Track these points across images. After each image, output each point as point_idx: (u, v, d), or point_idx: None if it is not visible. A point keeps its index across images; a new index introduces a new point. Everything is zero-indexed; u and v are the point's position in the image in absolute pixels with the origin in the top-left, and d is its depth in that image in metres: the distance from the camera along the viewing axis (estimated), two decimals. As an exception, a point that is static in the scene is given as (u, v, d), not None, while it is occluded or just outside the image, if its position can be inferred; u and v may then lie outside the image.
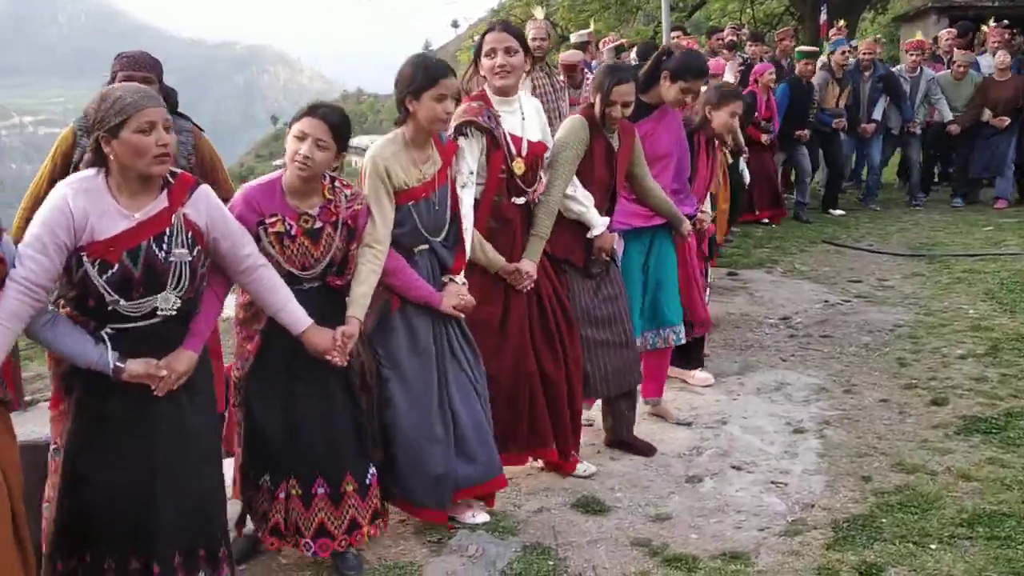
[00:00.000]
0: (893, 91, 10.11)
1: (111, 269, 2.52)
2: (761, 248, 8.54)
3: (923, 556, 3.20)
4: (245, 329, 3.15)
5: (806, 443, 4.28)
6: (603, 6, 18.95)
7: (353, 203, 3.12)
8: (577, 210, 3.88)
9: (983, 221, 9.43)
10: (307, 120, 2.97)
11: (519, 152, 3.64)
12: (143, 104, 2.51)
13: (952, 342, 5.58)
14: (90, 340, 2.59)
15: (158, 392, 2.66)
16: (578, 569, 3.26)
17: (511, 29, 3.65)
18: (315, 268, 3.05)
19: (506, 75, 3.59)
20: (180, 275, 2.61)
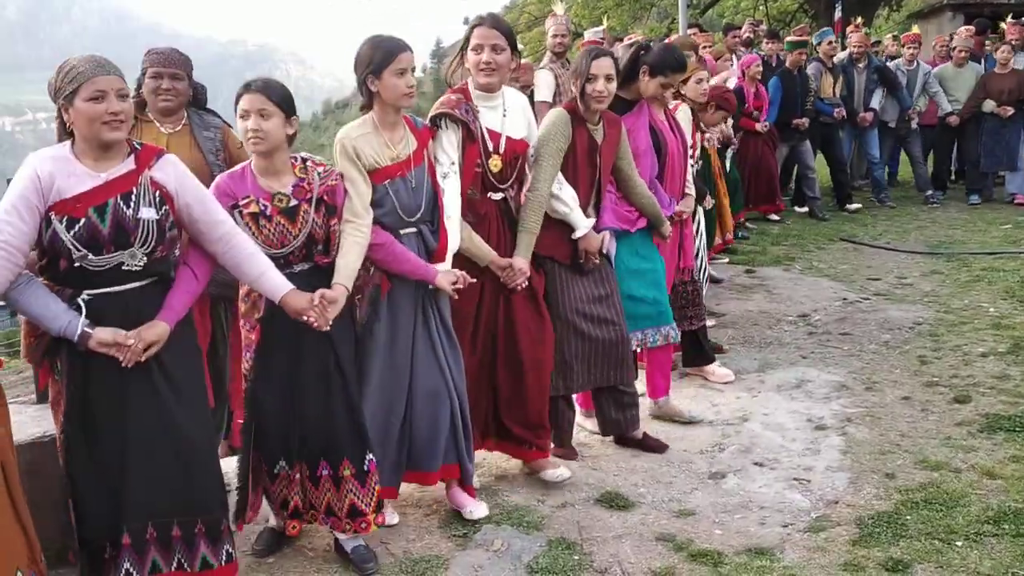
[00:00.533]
0: (888, 82, 10.16)
1: (77, 224, 2.60)
2: (778, 246, 8.52)
3: (949, 553, 3.20)
4: (247, 320, 3.20)
5: (828, 440, 4.27)
6: (617, 3, 18.95)
7: (327, 179, 3.16)
8: (561, 211, 3.85)
9: (1001, 219, 9.40)
10: (245, 97, 3.04)
11: (496, 149, 3.61)
12: (94, 73, 2.61)
13: (973, 340, 5.57)
14: (62, 305, 2.66)
15: (126, 362, 2.70)
16: (604, 564, 3.27)
17: (500, 26, 3.59)
18: (293, 244, 3.07)
19: (491, 73, 3.56)
20: (147, 233, 2.68)
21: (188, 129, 3.78)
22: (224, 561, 2.90)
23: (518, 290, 3.71)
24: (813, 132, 9.64)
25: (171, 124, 3.76)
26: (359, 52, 3.31)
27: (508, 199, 3.74)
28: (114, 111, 2.61)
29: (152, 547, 2.79)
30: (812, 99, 9.50)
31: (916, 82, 10.33)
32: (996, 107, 9.94)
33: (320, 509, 3.25)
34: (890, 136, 10.54)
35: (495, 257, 3.65)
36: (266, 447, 3.23)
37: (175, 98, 3.68)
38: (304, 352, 3.16)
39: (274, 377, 3.17)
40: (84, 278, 2.67)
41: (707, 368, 5.16)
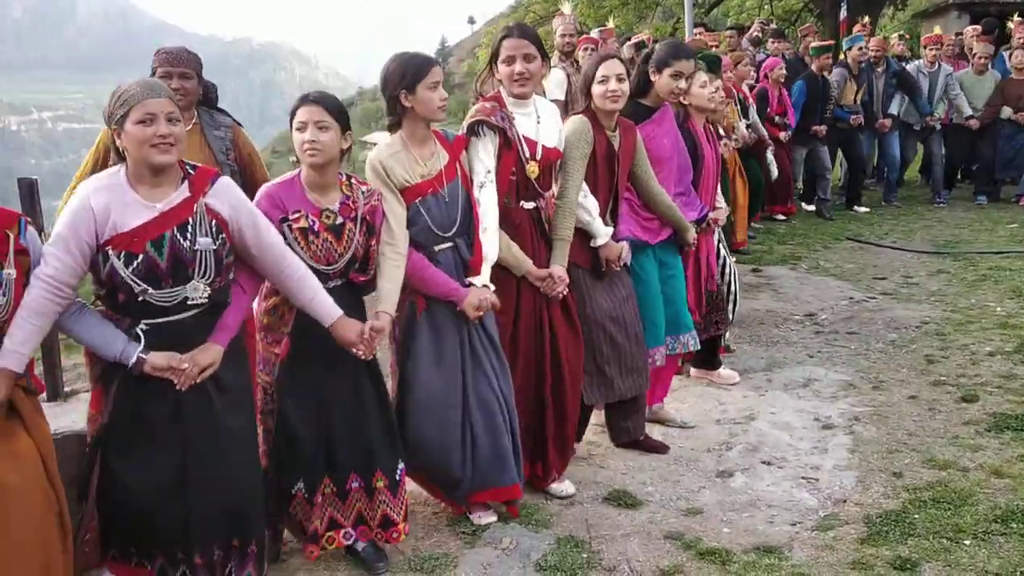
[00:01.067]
0: (907, 87, 10.13)
1: (136, 260, 2.60)
2: (785, 245, 8.52)
3: (957, 552, 3.20)
4: (271, 334, 3.14)
5: (836, 439, 4.28)
6: (622, 2, 18.93)
7: (371, 199, 3.16)
8: (584, 219, 3.84)
9: (1007, 218, 9.39)
10: (302, 109, 3.03)
11: (533, 155, 3.59)
12: (143, 96, 2.60)
13: (980, 339, 5.57)
14: (117, 332, 2.67)
15: (180, 386, 2.71)
16: (612, 562, 3.28)
17: (529, 35, 3.58)
18: (339, 263, 3.07)
19: (525, 83, 3.54)
20: (206, 264, 2.68)
21: (199, 128, 3.79)
22: None
23: (558, 299, 3.69)
24: (832, 136, 9.63)
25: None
26: (388, 70, 3.31)
27: (540, 208, 3.72)
28: (163, 134, 2.59)
29: (204, 571, 2.80)
30: (832, 106, 9.48)
31: (938, 84, 10.26)
32: (1013, 114, 9.89)
33: (348, 523, 3.21)
34: (913, 136, 10.53)
35: (532, 267, 3.62)
36: (285, 466, 3.18)
37: (184, 97, 3.69)
38: (336, 364, 3.13)
39: (304, 393, 3.13)
40: (144, 310, 2.68)
41: (711, 371, 5.16)
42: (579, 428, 4.09)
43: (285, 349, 3.11)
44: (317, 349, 3.08)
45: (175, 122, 2.62)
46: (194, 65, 3.75)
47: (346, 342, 3.00)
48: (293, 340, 3.10)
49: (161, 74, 3.70)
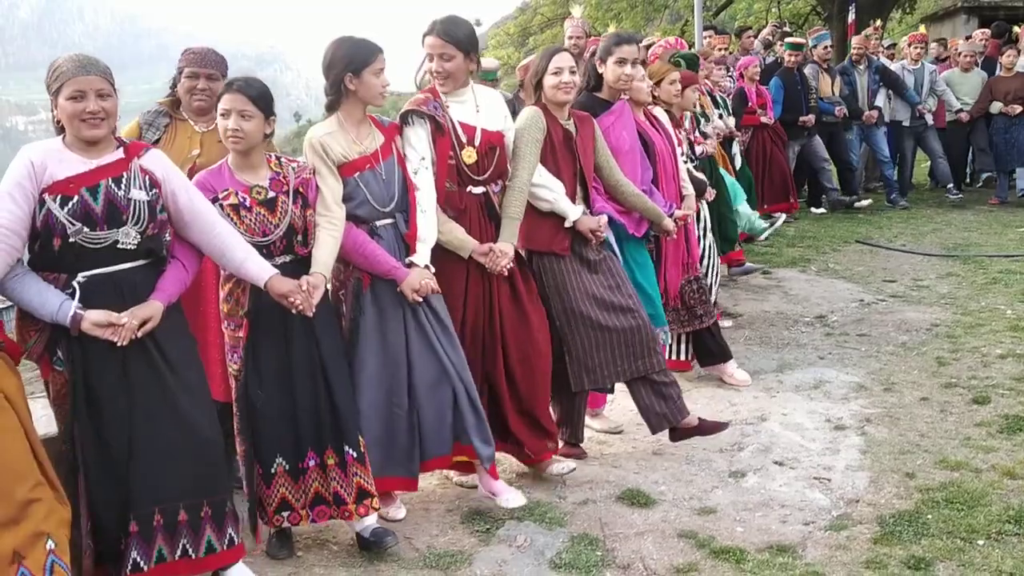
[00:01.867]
0: (890, 82, 10.28)
1: (71, 201, 2.73)
2: (794, 247, 8.54)
3: (971, 551, 3.21)
4: (232, 320, 3.24)
5: (847, 440, 4.29)
6: (630, 5, 18.96)
7: (302, 173, 3.29)
8: (547, 197, 3.89)
9: (1017, 222, 9.40)
10: (226, 96, 3.14)
11: (471, 141, 3.67)
12: (74, 73, 2.75)
13: (991, 342, 5.57)
14: (54, 291, 2.76)
15: (120, 341, 2.77)
16: (626, 560, 3.30)
17: (448, 33, 3.61)
18: (275, 234, 3.17)
19: (443, 80, 3.65)
20: (139, 213, 2.82)
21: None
22: (227, 545, 2.99)
23: (503, 275, 3.71)
24: (820, 130, 9.71)
25: (204, 123, 3.80)
26: (333, 51, 3.40)
27: (490, 194, 3.76)
28: (92, 110, 2.76)
29: (159, 534, 2.87)
30: (815, 97, 9.57)
31: (923, 81, 10.41)
32: (1003, 107, 10.02)
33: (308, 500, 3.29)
34: (907, 136, 10.60)
35: (475, 244, 3.67)
36: (261, 446, 3.25)
37: (210, 98, 3.72)
38: (292, 343, 3.24)
39: (265, 372, 3.23)
40: (79, 257, 2.77)
41: (725, 369, 5.15)
42: (573, 418, 4.13)
43: (246, 331, 3.20)
44: (273, 329, 3.20)
45: (105, 97, 2.77)
46: (221, 67, 3.79)
47: (282, 293, 3.08)
48: (251, 320, 3.20)
49: (188, 74, 3.74)
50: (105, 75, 2.80)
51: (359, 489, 3.29)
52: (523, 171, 3.79)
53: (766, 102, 9.06)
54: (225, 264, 3.11)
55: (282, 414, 3.24)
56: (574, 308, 3.96)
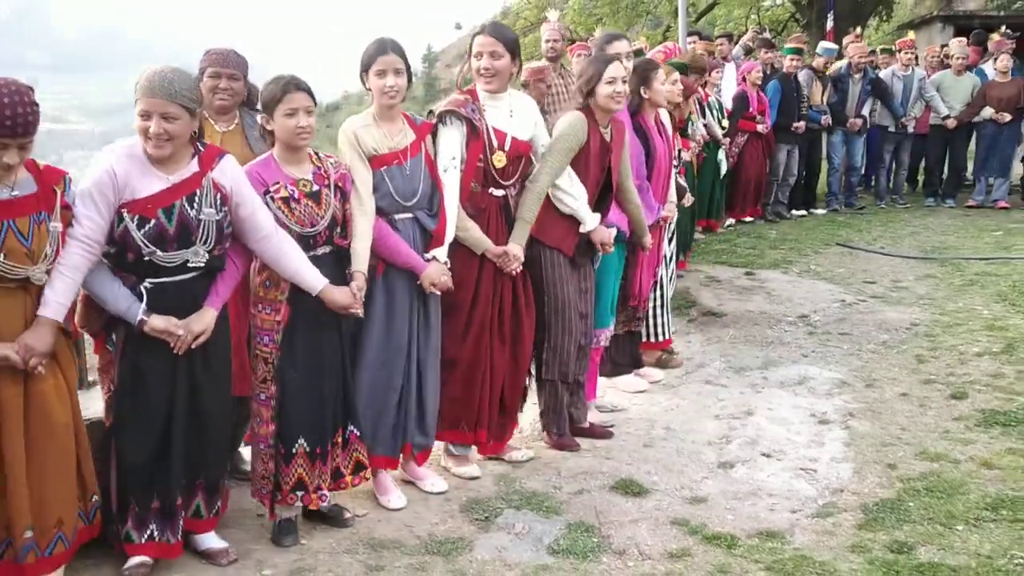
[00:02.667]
0: (881, 94, 10.54)
1: (148, 224, 2.91)
2: (776, 249, 8.70)
3: (951, 536, 3.37)
4: (268, 304, 3.34)
5: (832, 433, 4.44)
6: (612, 10, 19.12)
7: (339, 168, 3.45)
8: (570, 204, 4.06)
9: (992, 226, 9.62)
10: (294, 95, 3.22)
11: (501, 146, 3.84)
12: (143, 93, 2.89)
13: (968, 340, 5.75)
14: (125, 291, 2.95)
15: (177, 350, 3.01)
16: (622, 546, 3.42)
17: (499, 33, 3.84)
18: (320, 225, 3.32)
19: (490, 78, 3.81)
20: (208, 232, 2.98)
21: (240, 128, 3.89)
22: (212, 514, 3.26)
23: (514, 275, 3.92)
24: (803, 140, 10.00)
25: (225, 123, 3.86)
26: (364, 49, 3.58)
27: (509, 197, 3.95)
28: (156, 132, 2.88)
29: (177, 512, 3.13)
30: (806, 104, 9.83)
31: (912, 87, 10.66)
32: (994, 113, 10.25)
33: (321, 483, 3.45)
34: (889, 141, 10.88)
35: (490, 244, 3.86)
36: (287, 426, 3.37)
37: (231, 98, 3.80)
38: (323, 328, 3.42)
39: (300, 354, 3.37)
40: (149, 269, 2.95)
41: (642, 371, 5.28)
42: (557, 409, 4.32)
43: (285, 315, 3.33)
44: (313, 312, 3.35)
45: (171, 120, 2.88)
46: (242, 68, 3.84)
47: (340, 306, 3.31)
48: (292, 305, 3.33)
49: (210, 74, 3.79)
50: (175, 97, 2.87)
51: (356, 463, 3.55)
52: (545, 176, 3.95)
53: (765, 109, 9.34)
54: (279, 271, 3.25)
55: (311, 397, 3.39)
56: (567, 301, 4.14)
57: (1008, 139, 10.38)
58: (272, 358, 3.33)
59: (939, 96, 10.66)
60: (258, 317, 3.36)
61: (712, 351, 5.78)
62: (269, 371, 3.35)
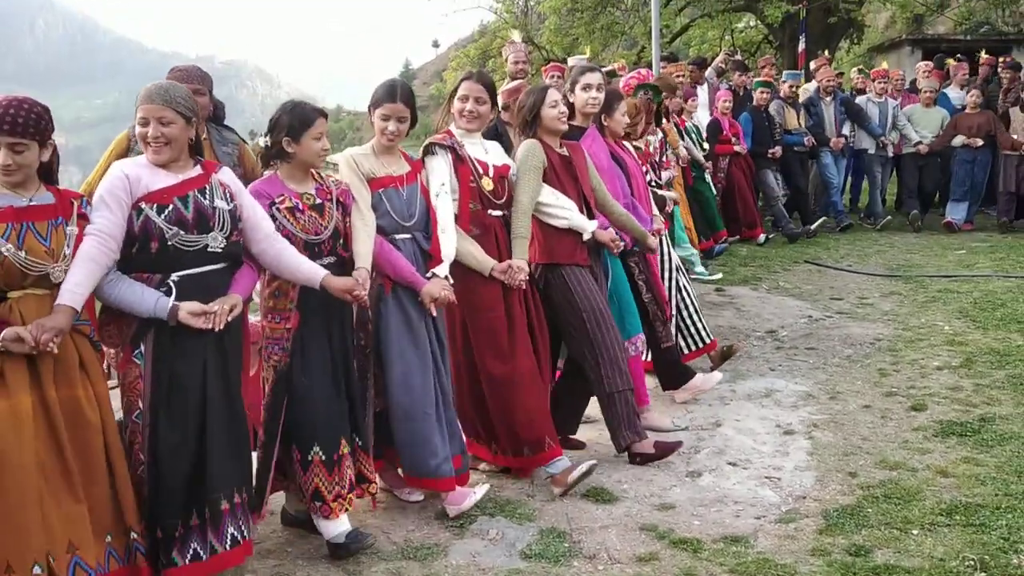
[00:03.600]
0: (854, 114, 10.87)
1: (166, 209, 3.04)
2: (746, 267, 8.90)
3: (907, 540, 3.51)
4: (278, 313, 3.49)
5: (796, 443, 4.59)
6: (588, 31, 19.40)
7: (341, 185, 3.66)
8: (563, 216, 4.25)
9: (956, 244, 9.89)
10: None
11: (485, 172, 4.09)
12: (141, 101, 3.08)
13: (929, 355, 5.94)
14: (150, 290, 3.03)
15: (216, 326, 3.05)
16: (592, 550, 3.54)
17: (485, 81, 4.11)
18: (325, 233, 3.50)
19: (472, 120, 4.08)
20: (223, 219, 3.13)
21: (208, 144, 4.01)
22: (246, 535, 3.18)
23: (521, 287, 4.08)
24: (786, 162, 10.31)
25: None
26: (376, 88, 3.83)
27: (507, 217, 4.15)
28: (154, 135, 3.06)
29: (222, 520, 3.07)
30: (779, 132, 10.14)
31: (888, 113, 10.98)
32: (966, 139, 10.52)
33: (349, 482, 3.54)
34: (875, 162, 11.20)
35: (493, 263, 4.04)
36: (302, 434, 3.47)
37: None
38: (333, 336, 3.57)
39: (311, 361, 3.49)
40: (174, 259, 3.06)
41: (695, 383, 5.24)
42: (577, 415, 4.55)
43: (295, 322, 3.47)
44: (320, 319, 3.51)
45: (168, 124, 3.05)
46: (205, 82, 3.98)
47: (344, 289, 3.40)
48: (301, 312, 3.48)
49: None
50: (170, 103, 3.05)
51: (358, 474, 3.62)
52: (524, 194, 4.14)
53: (738, 132, 9.71)
54: (281, 270, 3.38)
55: (326, 403, 3.50)
56: (602, 311, 4.26)
57: (981, 165, 10.63)
58: (281, 365, 3.45)
59: (910, 125, 10.96)
60: (268, 328, 3.50)
61: (682, 365, 5.92)
62: (278, 379, 3.46)
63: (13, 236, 2.77)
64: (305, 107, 3.55)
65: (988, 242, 9.95)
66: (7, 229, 2.76)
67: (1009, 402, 4.99)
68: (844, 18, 16.47)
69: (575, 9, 18.77)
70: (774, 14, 16.05)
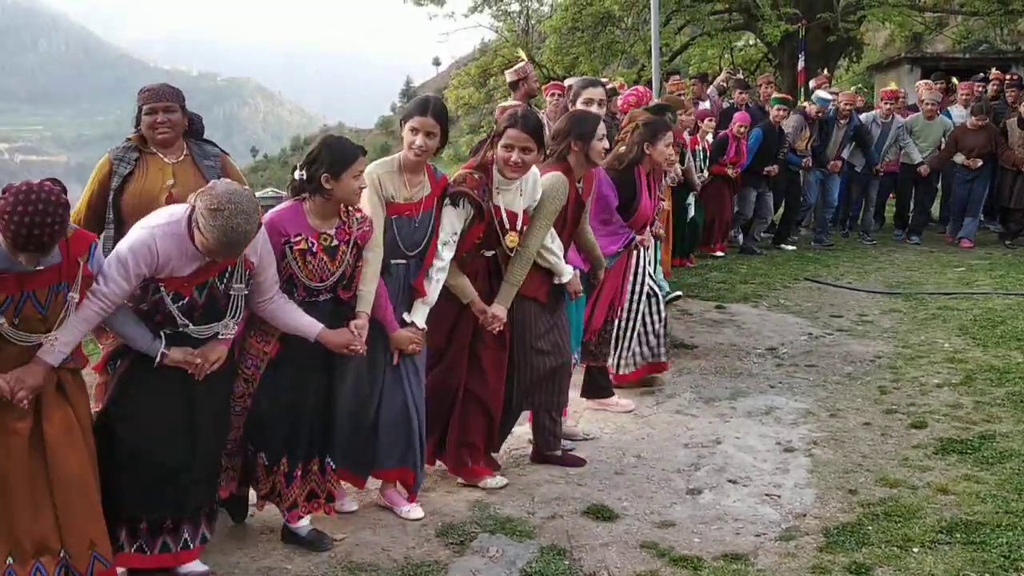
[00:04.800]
0: (861, 140, 10.86)
1: (183, 300, 3.08)
2: (747, 284, 8.91)
3: (907, 558, 3.51)
4: (262, 334, 3.50)
5: (796, 460, 4.59)
6: (588, 50, 19.50)
7: (363, 225, 3.54)
8: (552, 260, 4.22)
9: (955, 262, 9.90)
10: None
11: (513, 226, 3.99)
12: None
13: (929, 372, 5.95)
14: (147, 330, 3.10)
15: (198, 375, 3.16)
16: (592, 568, 3.54)
17: (530, 127, 3.90)
18: (330, 280, 3.45)
19: (517, 169, 3.92)
20: (237, 305, 3.12)
21: (190, 158, 4.03)
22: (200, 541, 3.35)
23: (494, 331, 4.06)
24: (780, 179, 10.31)
25: (173, 155, 4.00)
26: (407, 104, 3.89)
27: (499, 256, 4.09)
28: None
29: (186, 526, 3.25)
30: (785, 151, 10.15)
31: (890, 134, 10.99)
32: (964, 159, 10.55)
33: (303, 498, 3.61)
34: (857, 181, 11.22)
35: (477, 300, 4.02)
36: (269, 446, 3.55)
37: (171, 129, 3.94)
38: (313, 369, 3.53)
39: (281, 389, 3.51)
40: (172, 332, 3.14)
41: (608, 400, 5.36)
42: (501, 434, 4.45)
43: (274, 350, 3.48)
44: (302, 352, 3.48)
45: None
46: (176, 98, 3.98)
47: (339, 345, 3.43)
48: (283, 342, 3.48)
49: (146, 111, 3.93)
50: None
51: (309, 492, 3.66)
52: (534, 241, 4.08)
53: (740, 160, 9.67)
54: (276, 322, 3.40)
55: (288, 425, 3.53)
56: (533, 345, 4.26)
57: (979, 183, 10.66)
58: (252, 382, 3.49)
59: (913, 143, 10.96)
60: (248, 340, 3.50)
61: (683, 382, 5.93)
62: (248, 390, 3.51)
63: (11, 309, 2.76)
64: (346, 144, 3.49)
65: (988, 259, 9.96)
66: (6, 300, 2.75)
67: (1009, 419, 5.00)
68: (843, 36, 16.53)
69: (575, 28, 18.85)
70: (772, 33, 16.13)
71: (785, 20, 15.88)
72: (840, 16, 15.95)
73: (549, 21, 19.55)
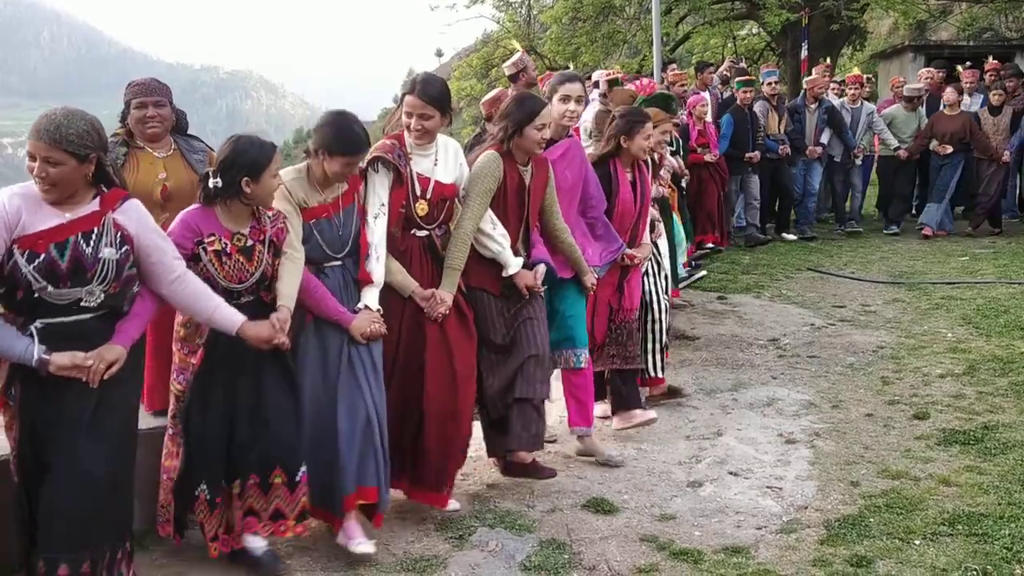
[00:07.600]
0: (835, 124, 10.81)
1: (38, 259, 2.77)
2: (748, 275, 8.89)
3: (909, 550, 3.49)
4: (187, 345, 3.39)
5: (798, 452, 4.57)
6: (590, 40, 19.42)
7: (277, 222, 3.42)
8: (494, 248, 4.03)
9: (959, 251, 9.86)
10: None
11: (424, 194, 3.83)
12: (30, 135, 2.79)
13: (932, 362, 5.91)
14: (18, 334, 2.80)
15: (91, 383, 2.83)
16: (592, 562, 3.52)
17: (427, 94, 3.74)
18: (249, 281, 3.33)
19: (420, 136, 3.79)
20: (106, 271, 2.85)
21: (179, 153, 4.02)
22: None
23: (439, 319, 3.83)
24: (763, 167, 10.24)
25: (162, 149, 3.98)
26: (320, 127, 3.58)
27: (433, 236, 3.91)
28: (38, 175, 2.78)
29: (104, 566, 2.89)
30: (762, 135, 10.10)
31: (860, 120, 10.98)
32: (936, 145, 10.58)
33: (238, 521, 3.40)
34: (837, 171, 11.18)
35: (417, 288, 3.82)
36: (189, 470, 3.37)
37: (160, 124, 3.92)
38: (241, 375, 3.37)
39: (212, 399, 3.35)
40: (39, 307, 2.83)
41: (633, 412, 4.87)
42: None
43: (199, 358, 3.35)
44: (229, 357, 3.33)
45: (54, 164, 2.75)
46: (165, 93, 3.97)
47: (261, 339, 3.22)
48: (207, 350, 3.35)
49: (135, 105, 3.90)
50: (59, 143, 2.74)
51: (275, 510, 3.41)
52: (469, 221, 3.92)
53: (707, 141, 9.28)
54: (193, 313, 3.20)
55: (216, 443, 3.36)
56: (492, 339, 4.05)
57: (951, 169, 10.63)
58: (183, 397, 3.36)
59: (888, 130, 10.95)
60: (177, 355, 3.41)
61: (684, 373, 5.90)
62: (179, 409, 3.39)
63: None
64: (264, 144, 3.33)
65: (991, 248, 9.93)
66: None
67: (1012, 410, 4.97)
68: (846, 25, 16.44)
69: (577, 18, 18.78)
70: (774, 21, 16.04)
71: (787, 8, 15.78)
72: (843, 4, 15.85)
73: (550, 11, 19.44)
